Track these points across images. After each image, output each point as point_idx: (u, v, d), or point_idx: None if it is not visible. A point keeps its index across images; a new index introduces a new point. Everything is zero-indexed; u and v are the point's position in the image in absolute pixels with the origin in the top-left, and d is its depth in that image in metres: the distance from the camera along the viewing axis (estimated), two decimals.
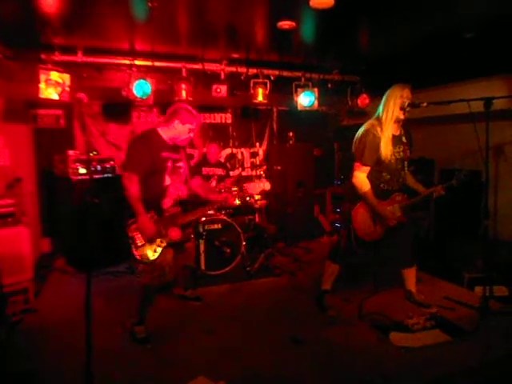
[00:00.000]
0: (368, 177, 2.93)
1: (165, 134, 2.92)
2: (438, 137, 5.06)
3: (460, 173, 2.96)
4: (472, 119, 2.77)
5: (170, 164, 2.91)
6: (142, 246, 2.76)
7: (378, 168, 2.92)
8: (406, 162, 3.04)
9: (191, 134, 2.96)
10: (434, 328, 2.90)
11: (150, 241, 2.77)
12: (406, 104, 2.85)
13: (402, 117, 2.89)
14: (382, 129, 2.89)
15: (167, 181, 2.91)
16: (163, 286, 2.94)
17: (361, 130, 2.96)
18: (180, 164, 3.01)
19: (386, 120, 2.88)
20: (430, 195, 3.02)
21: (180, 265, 3.25)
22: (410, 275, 3.35)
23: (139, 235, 2.76)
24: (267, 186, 3.36)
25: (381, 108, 2.95)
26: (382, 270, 3.85)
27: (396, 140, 2.96)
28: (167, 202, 2.91)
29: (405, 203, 3.04)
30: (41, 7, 3.11)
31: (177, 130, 2.90)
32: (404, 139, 3.02)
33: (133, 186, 2.70)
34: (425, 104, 2.89)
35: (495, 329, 2.86)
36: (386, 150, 2.87)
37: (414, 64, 4.48)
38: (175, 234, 2.86)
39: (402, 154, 2.98)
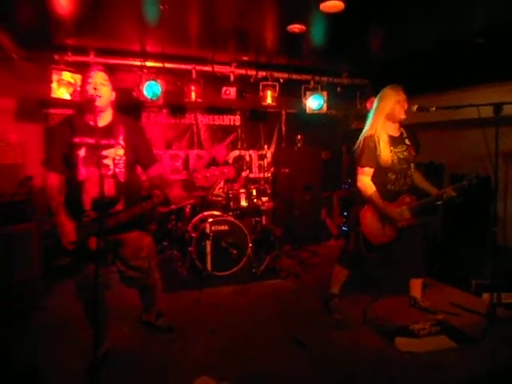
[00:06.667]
0: (374, 179, 2.94)
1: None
2: (447, 142, 5.02)
3: (471, 175, 2.94)
4: (481, 125, 2.75)
5: (83, 152, 2.27)
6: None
7: (383, 169, 2.92)
8: (411, 164, 3.03)
9: (92, 87, 2.32)
10: (439, 334, 2.88)
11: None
12: (415, 108, 2.90)
13: (403, 117, 2.95)
14: (377, 132, 2.91)
15: (82, 174, 2.29)
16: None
17: (361, 136, 3.01)
18: (106, 152, 2.33)
19: (379, 121, 2.91)
20: (440, 197, 2.99)
21: (140, 285, 2.76)
22: (417, 283, 3.34)
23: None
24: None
25: (374, 111, 2.98)
26: (389, 274, 3.83)
27: (397, 140, 2.98)
28: (86, 202, 2.30)
29: (414, 205, 3.01)
30: (54, 10, 3.17)
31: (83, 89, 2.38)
32: (407, 141, 3.03)
33: (48, 184, 2.31)
34: (433, 108, 2.89)
35: (502, 336, 2.81)
36: (387, 150, 2.89)
37: (423, 68, 4.45)
38: (93, 243, 2.30)
39: (405, 153, 2.99)
